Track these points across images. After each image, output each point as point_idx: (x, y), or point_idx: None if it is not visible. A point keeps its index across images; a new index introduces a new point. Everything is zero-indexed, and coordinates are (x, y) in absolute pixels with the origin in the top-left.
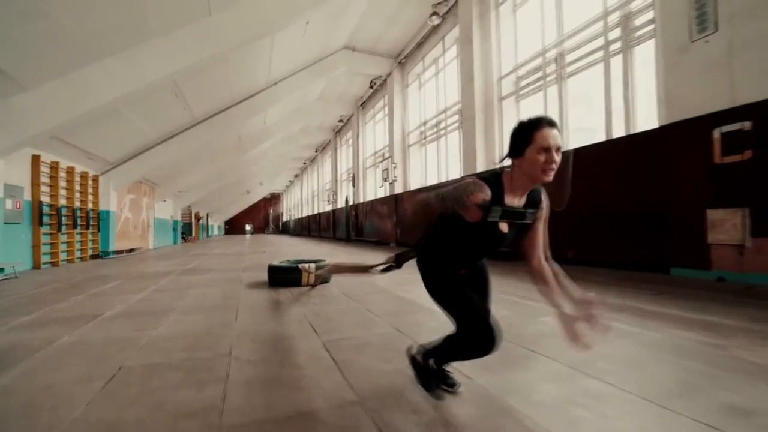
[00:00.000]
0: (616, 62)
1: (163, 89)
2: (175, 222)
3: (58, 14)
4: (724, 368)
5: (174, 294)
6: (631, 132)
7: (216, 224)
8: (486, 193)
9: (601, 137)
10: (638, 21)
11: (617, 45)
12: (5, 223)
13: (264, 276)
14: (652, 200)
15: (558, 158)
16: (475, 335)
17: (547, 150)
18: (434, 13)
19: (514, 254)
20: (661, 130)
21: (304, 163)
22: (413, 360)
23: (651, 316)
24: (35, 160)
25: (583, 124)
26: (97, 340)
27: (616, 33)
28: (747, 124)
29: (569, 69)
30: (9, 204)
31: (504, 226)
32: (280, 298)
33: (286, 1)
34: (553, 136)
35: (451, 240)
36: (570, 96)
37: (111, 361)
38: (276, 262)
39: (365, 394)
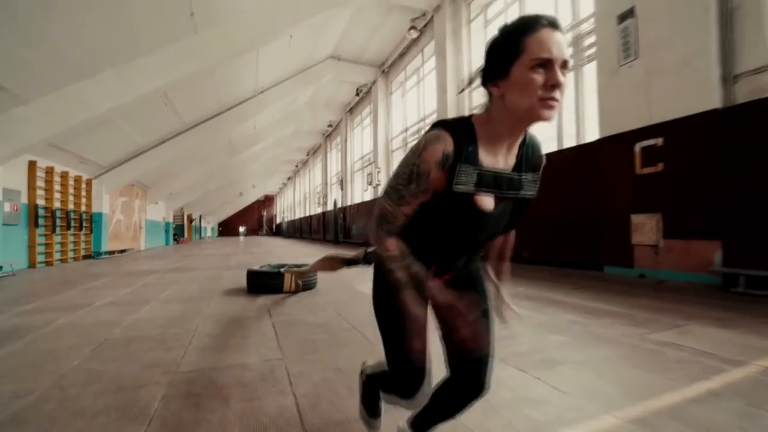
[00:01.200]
0: (569, 79)
1: (154, 99)
2: (167, 224)
3: (55, 37)
4: (576, 338)
5: (158, 288)
6: (580, 143)
7: (209, 226)
8: (447, 143)
9: (553, 148)
10: (586, 42)
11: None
12: (3, 224)
13: (243, 273)
14: (590, 206)
15: (564, 80)
16: (395, 375)
17: (546, 64)
18: (412, 27)
19: None
20: (597, 143)
21: (297, 166)
22: (361, 381)
23: (551, 303)
24: (32, 165)
25: (538, 135)
26: (88, 321)
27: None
28: (660, 141)
29: None
30: (7, 207)
31: (487, 202)
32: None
33: (267, 19)
34: (556, 42)
35: (412, 224)
36: None
37: (99, 335)
38: (256, 267)
39: (289, 354)
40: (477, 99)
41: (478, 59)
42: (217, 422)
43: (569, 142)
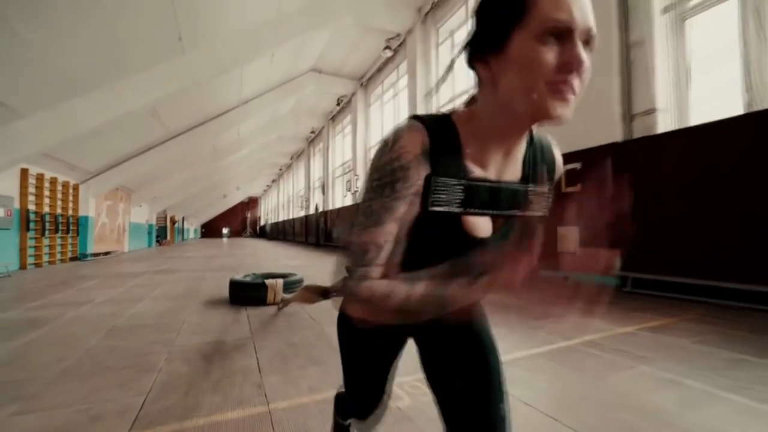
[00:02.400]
0: None
1: (141, 112)
2: (150, 226)
3: (52, 57)
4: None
5: (147, 288)
6: None
7: (192, 228)
8: (422, 134)
9: None
10: None
11: None
12: (0, 228)
13: (225, 274)
14: None
15: (587, 59)
16: (350, 395)
17: (562, 34)
18: (387, 47)
19: None
20: None
21: (281, 169)
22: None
23: None
24: (23, 173)
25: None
26: (93, 314)
27: None
28: (578, 165)
29: None
30: (1, 212)
31: (480, 226)
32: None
33: (250, 41)
34: (579, 2)
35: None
36: None
37: (105, 324)
38: (239, 276)
39: (257, 334)
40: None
41: (446, 81)
42: (203, 371)
43: None
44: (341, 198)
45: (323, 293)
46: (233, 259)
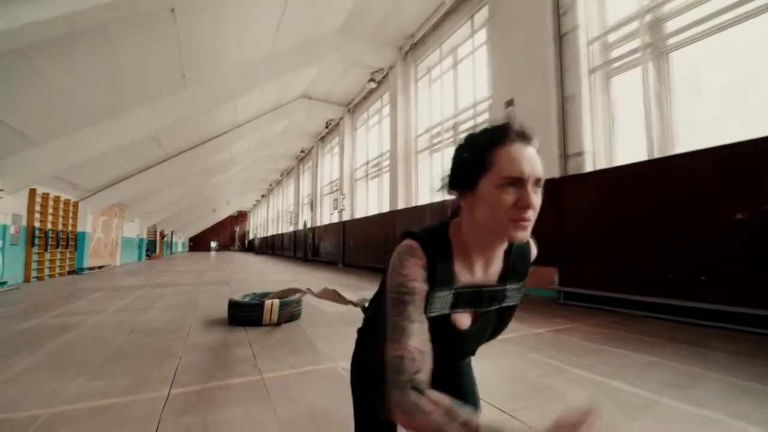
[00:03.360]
0: None
1: (144, 138)
2: (141, 240)
3: (69, 94)
4: None
5: (151, 300)
6: None
7: (180, 241)
8: (420, 258)
9: None
10: (481, 118)
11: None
12: (11, 244)
13: (218, 287)
14: None
15: (537, 201)
16: None
17: (517, 183)
18: (371, 79)
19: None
20: None
21: (271, 185)
22: None
23: None
24: (32, 193)
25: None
26: (112, 320)
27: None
28: None
29: (463, 134)
30: (12, 230)
31: (465, 320)
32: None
33: (246, 76)
34: (529, 157)
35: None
36: None
37: (126, 327)
38: (238, 297)
39: (250, 332)
40: (422, 144)
41: (423, 112)
42: (212, 357)
43: None
44: (328, 215)
45: (349, 302)
46: (223, 274)
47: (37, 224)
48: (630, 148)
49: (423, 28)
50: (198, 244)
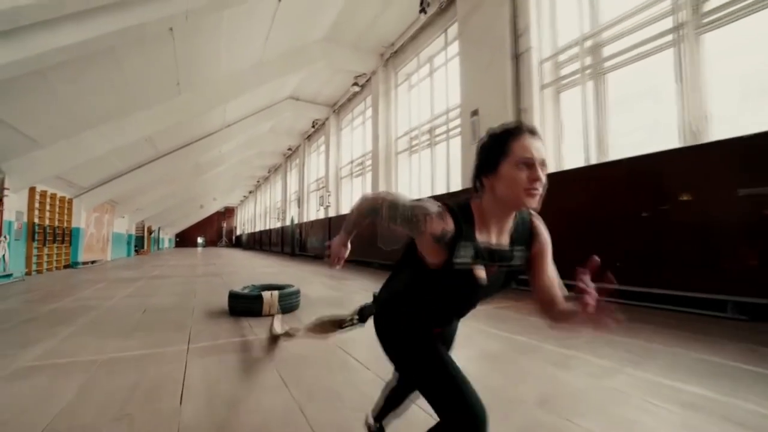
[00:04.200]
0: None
1: (139, 140)
2: (130, 236)
3: (73, 101)
4: None
5: (152, 289)
6: (449, 191)
7: (167, 237)
8: (448, 224)
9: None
10: (453, 124)
11: (453, 133)
12: (14, 240)
13: (211, 278)
14: None
15: (543, 177)
16: (455, 420)
17: (529, 164)
18: (355, 83)
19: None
20: (461, 191)
21: (258, 181)
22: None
23: None
24: (32, 191)
25: (448, 183)
26: (124, 304)
27: (455, 122)
28: None
29: (437, 138)
30: (16, 225)
31: (481, 272)
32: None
33: (236, 82)
34: (536, 146)
35: (418, 292)
36: (438, 158)
37: (139, 308)
38: (238, 289)
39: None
40: (402, 145)
41: (403, 116)
42: (218, 326)
43: (440, 190)
44: (315, 211)
45: (340, 324)
46: (214, 267)
47: (36, 220)
48: (575, 155)
49: (402, 38)
50: (185, 240)
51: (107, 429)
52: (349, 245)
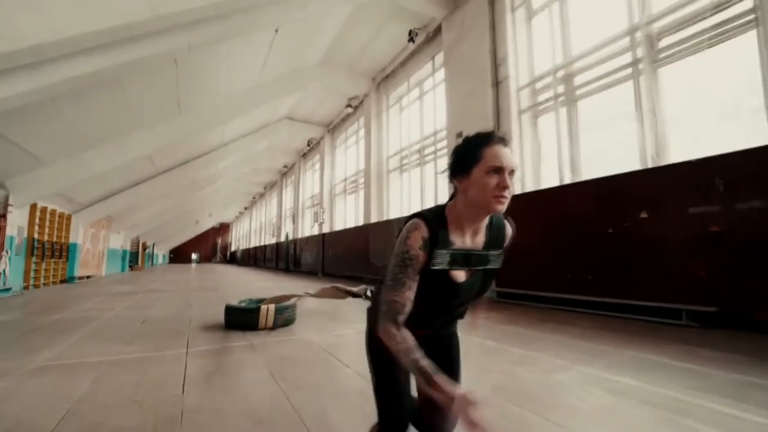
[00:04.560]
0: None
1: (139, 159)
2: (125, 251)
3: (77, 121)
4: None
5: (150, 302)
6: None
7: (161, 253)
8: (423, 230)
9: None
10: (441, 144)
11: (436, 155)
12: (15, 254)
13: (207, 293)
14: None
15: (512, 183)
16: (383, 423)
17: (498, 171)
18: (348, 105)
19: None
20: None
21: (254, 198)
22: None
23: None
24: (33, 207)
25: (436, 201)
26: (124, 315)
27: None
28: None
29: (426, 158)
30: (17, 240)
31: (459, 275)
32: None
33: (234, 105)
34: (506, 154)
35: None
36: (427, 176)
37: (138, 319)
38: (234, 302)
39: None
40: (393, 164)
41: (394, 136)
42: (213, 334)
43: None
44: (309, 227)
45: (352, 294)
46: (210, 282)
47: (36, 236)
48: (552, 175)
49: (393, 64)
50: (179, 256)
51: (122, 410)
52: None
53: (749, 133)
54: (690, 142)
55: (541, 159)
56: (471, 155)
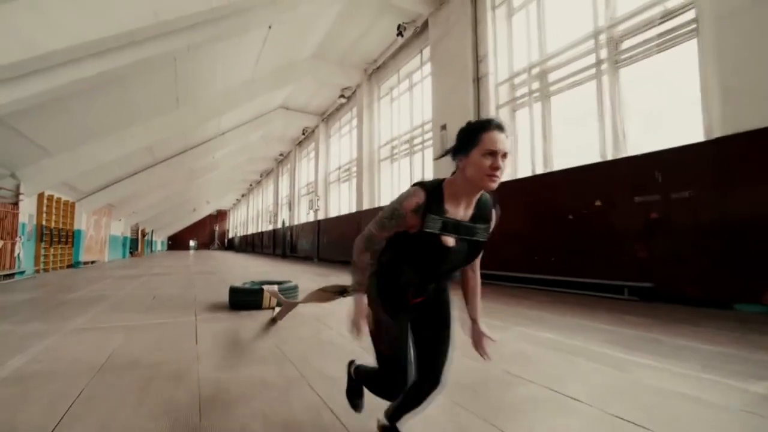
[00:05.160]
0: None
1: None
2: (125, 238)
3: (82, 115)
4: None
5: (156, 283)
6: None
7: (159, 240)
8: (420, 197)
9: None
10: (427, 135)
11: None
12: (27, 240)
13: (208, 276)
14: None
15: (504, 165)
16: (383, 378)
17: (493, 154)
18: (342, 96)
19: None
20: None
21: (251, 185)
22: (348, 373)
23: None
24: (40, 196)
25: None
26: (135, 293)
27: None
28: None
29: (415, 148)
30: (29, 227)
31: (449, 240)
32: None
33: (230, 99)
34: (501, 140)
35: (396, 257)
36: (416, 166)
37: (148, 296)
38: (238, 284)
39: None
40: (384, 153)
41: (385, 126)
42: (216, 305)
43: None
44: (305, 215)
45: (341, 291)
46: (209, 267)
47: (44, 223)
48: (526, 166)
49: (383, 56)
50: (177, 242)
51: (151, 354)
52: (365, 308)
53: (689, 130)
54: (645, 136)
55: (518, 151)
56: (471, 138)
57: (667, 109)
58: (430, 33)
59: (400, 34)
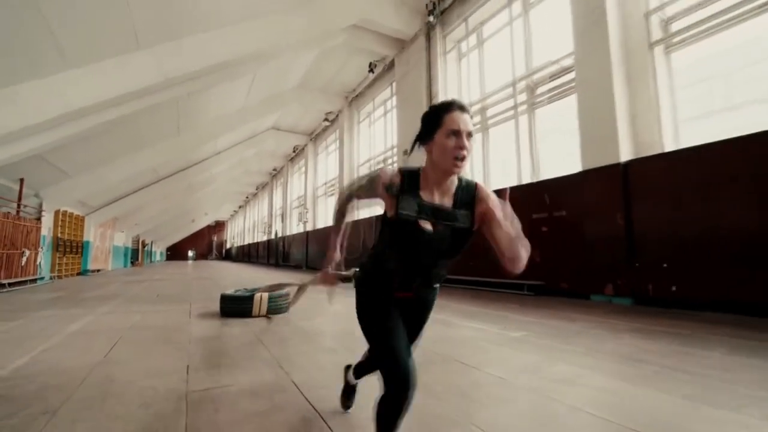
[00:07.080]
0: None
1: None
2: (127, 248)
3: (98, 143)
4: None
5: (159, 286)
6: None
7: (158, 250)
8: (396, 178)
9: None
10: (396, 158)
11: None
12: (46, 251)
13: (205, 281)
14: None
15: (469, 145)
16: (387, 379)
17: (457, 133)
18: (326, 119)
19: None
20: None
21: (247, 197)
22: (345, 377)
23: None
24: (56, 212)
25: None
26: (142, 293)
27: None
28: None
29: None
30: (48, 239)
31: (426, 225)
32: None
33: (225, 124)
34: (464, 120)
35: (383, 244)
36: None
37: (153, 294)
38: (230, 291)
39: None
40: (363, 172)
41: (364, 147)
42: (208, 301)
43: None
44: (296, 226)
45: (342, 279)
46: (206, 274)
47: (59, 235)
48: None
49: (360, 86)
50: (175, 253)
51: (160, 326)
52: (336, 258)
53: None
54: (555, 164)
55: (489, 169)
56: (434, 120)
57: (571, 143)
58: (396, 71)
59: (371, 70)
